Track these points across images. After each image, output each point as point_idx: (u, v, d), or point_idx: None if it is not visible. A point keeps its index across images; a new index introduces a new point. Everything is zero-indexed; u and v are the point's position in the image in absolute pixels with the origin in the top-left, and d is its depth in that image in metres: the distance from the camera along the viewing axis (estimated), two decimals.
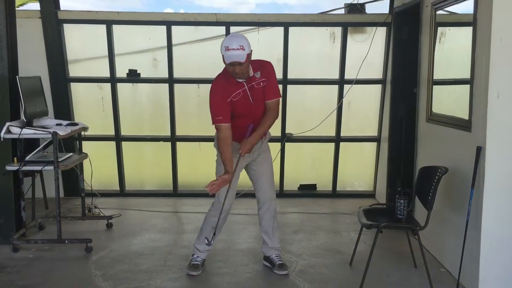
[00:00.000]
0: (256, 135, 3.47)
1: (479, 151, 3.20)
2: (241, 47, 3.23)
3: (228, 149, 3.38)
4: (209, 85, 3.53)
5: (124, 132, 5.84)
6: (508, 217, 3.22)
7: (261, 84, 3.47)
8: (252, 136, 3.46)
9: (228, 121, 3.37)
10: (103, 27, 5.48)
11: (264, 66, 3.51)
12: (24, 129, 4.01)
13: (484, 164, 3.18)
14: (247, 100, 3.43)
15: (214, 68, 5.61)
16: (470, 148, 3.30)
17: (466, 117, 3.43)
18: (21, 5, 10.16)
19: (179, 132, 5.82)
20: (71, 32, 5.59)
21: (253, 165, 3.70)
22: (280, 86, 5.56)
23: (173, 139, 5.81)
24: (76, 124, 4.60)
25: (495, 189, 3.19)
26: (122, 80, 5.67)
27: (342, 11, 5.71)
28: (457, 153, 3.61)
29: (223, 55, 3.28)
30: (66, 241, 4.15)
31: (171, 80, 5.64)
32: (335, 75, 5.66)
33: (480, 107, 3.24)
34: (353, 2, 5.57)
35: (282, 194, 5.85)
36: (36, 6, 5.53)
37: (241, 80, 3.40)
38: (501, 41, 3.09)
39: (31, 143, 4.52)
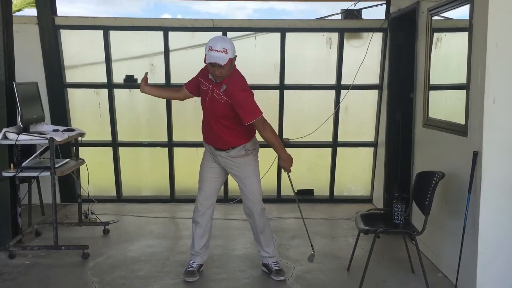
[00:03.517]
0: (277, 151, 3.59)
1: (476, 156, 3.21)
2: (224, 50, 3.24)
3: (164, 91, 4.25)
4: None
5: (121, 137, 5.83)
6: (505, 222, 3.22)
7: (220, 98, 3.42)
8: (277, 154, 3.65)
9: (187, 86, 3.75)
10: (100, 33, 5.48)
11: (233, 86, 3.40)
12: (20, 135, 4.00)
13: (480, 169, 3.19)
14: (205, 97, 3.54)
15: None
16: (466, 153, 3.31)
17: (463, 122, 3.44)
18: (18, 10, 10.16)
19: (176, 137, 5.82)
20: (68, 38, 5.59)
21: (236, 179, 3.72)
22: (277, 92, 5.61)
23: (170, 144, 5.81)
24: (73, 130, 4.59)
25: (492, 194, 3.20)
26: (119, 86, 5.67)
27: (338, 17, 5.74)
28: (454, 158, 3.62)
29: (205, 54, 3.31)
30: (63, 248, 4.13)
31: (168, 86, 5.64)
32: (332, 81, 5.68)
33: (476, 112, 3.25)
34: (349, 8, 5.59)
35: (279, 199, 5.85)
36: (33, 11, 5.55)
37: (211, 77, 3.46)
38: (497, 46, 3.11)
39: (28, 149, 4.51)
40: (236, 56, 3.36)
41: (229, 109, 3.42)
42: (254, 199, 3.64)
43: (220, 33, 5.49)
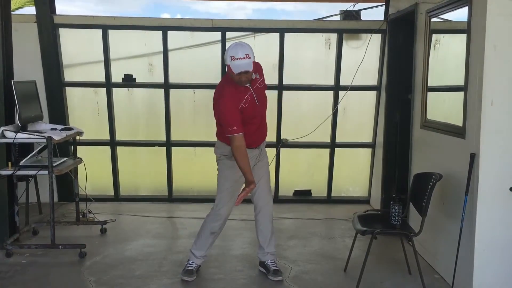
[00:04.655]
0: None
1: (473, 158, 3.22)
2: (247, 56, 3.25)
3: (246, 157, 3.35)
4: (205, 90, 3.56)
5: (119, 137, 5.82)
6: (502, 223, 3.23)
7: (261, 84, 3.55)
8: None
9: (242, 130, 3.35)
10: (99, 32, 5.48)
11: (257, 67, 3.57)
12: (18, 134, 4.00)
13: (478, 170, 3.20)
14: (254, 103, 3.47)
15: (210, 73, 5.63)
16: (464, 155, 3.32)
17: (460, 124, 3.45)
18: (17, 9, 10.15)
19: (174, 137, 5.81)
20: (66, 37, 5.58)
21: (253, 170, 3.69)
22: (276, 92, 5.62)
23: (168, 144, 5.80)
24: (71, 129, 4.59)
25: (489, 195, 3.21)
26: (117, 85, 5.66)
27: (337, 18, 5.74)
28: (451, 159, 3.63)
29: (228, 65, 3.29)
30: (60, 246, 4.13)
31: (166, 85, 5.64)
32: (331, 81, 5.68)
33: (474, 114, 3.26)
34: (348, 9, 5.60)
35: (277, 199, 5.85)
36: (32, 10, 5.54)
37: (246, 85, 3.43)
38: (495, 48, 3.12)
39: (26, 148, 4.51)
40: (255, 57, 3.36)
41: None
42: (270, 185, 3.80)
43: (219, 33, 5.52)
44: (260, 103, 3.52)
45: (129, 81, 5.67)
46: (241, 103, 3.40)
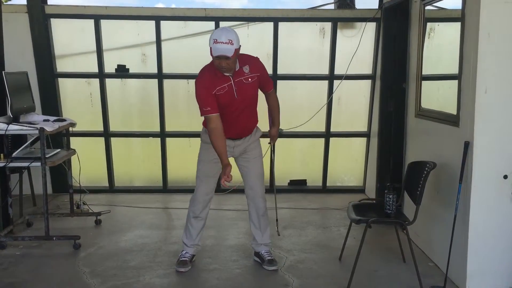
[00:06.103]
0: (278, 120, 3.84)
1: (467, 146, 3.22)
2: (230, 41, 3.20)
3: (221, 140, 3.34)
4: None
5: (113, 128, 5.79)
6: (495, 211, 3.24)
7: (250, 80, 3.44)
8: (275, 123, 3.83)
9: (217, 111, 3.34)
10: (91, 22, 5.43)
11: (253, 62, 3.50)
12: (10, 125, 3.96)
13: (472, 159, 3.20)
14: (231, 95, 3.40)
15: (204, 63, 5.55)
16: (458, 143, 3.32)
17: (454, 112, 3.44)
18: None
19: (168, 127, 5.79)
20: (58, 27, 5.53)
21: (241, 161, 3.68)
22: None
23: (163, 134, 5.78)
24: (63, 120, 4.56)
25: (483, 184, 3.21)
26: (110, 76, 5.63)
27: (332, 6, 5.71)
28: (446, 148, 3.63)
29: (210, 47, 3.25)
30: (54, 238, 4.12)
31: (160, 76, 5.61)
32: (325, 71, 5.66)
33: (468, 102, 3.25)
34: None
35: (271, 189, 5.83)
36: (22, 0, 5.46)
37: (227, 74, 3.37)
38: (489, 36, 3.10)
39: (18, 139, 4.47)
40: (240, 46, 3.30)
41: (257, 87, 3.55)
42: (262, 180, 3.75)
43: (213, 23, 5.47)
44: (239, 98, 3.42)
45: (122, 72, 5.63)
46: (215, 89, 3.35)
